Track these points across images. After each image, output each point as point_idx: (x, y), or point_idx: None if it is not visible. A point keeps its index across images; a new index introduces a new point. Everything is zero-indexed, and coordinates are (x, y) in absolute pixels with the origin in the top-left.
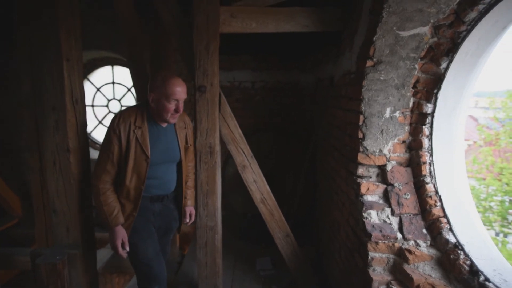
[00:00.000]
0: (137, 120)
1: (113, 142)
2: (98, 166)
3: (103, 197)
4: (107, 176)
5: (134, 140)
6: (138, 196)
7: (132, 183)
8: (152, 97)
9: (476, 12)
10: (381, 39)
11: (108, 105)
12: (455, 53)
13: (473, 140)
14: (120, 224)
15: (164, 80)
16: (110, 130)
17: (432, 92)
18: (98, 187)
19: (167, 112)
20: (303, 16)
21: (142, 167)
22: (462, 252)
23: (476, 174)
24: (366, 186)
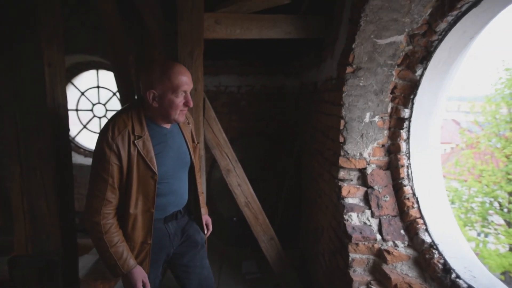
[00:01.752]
0: (135, 128)
1: (110, 162)
2: (94, 196)
3: (108, 236)
4: (108, 207)
5: (135, 154)
6: (149, 221)
7: (139, 208)
8: (152, 94)
9: (446, 23)
10: (360, 46)
11: (93, 109)
12: (429, 61)
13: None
14: (133, 267)
15: (165, 70)
16: (103, 146)
17: (409, 98)
18: (99, 224)
19: (176, 109)
20: (286, 23)
21: (149, 186)
22: (437, 252)
23: (458, 176)
24: (347, 189)
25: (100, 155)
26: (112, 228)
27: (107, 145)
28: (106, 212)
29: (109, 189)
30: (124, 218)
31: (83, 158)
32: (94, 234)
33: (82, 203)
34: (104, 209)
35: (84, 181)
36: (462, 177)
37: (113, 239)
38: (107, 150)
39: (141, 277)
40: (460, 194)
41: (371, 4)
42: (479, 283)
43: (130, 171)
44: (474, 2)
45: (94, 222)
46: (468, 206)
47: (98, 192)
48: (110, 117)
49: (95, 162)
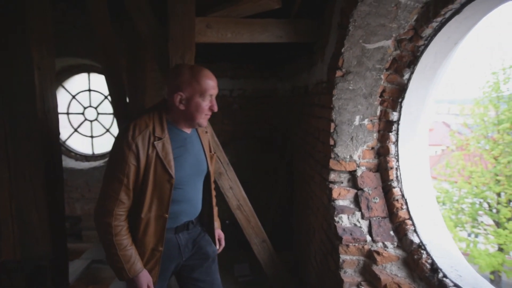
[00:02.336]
0: (156, 129)
1: (128, 162)
2: (107, 196)
3: (118, 239)
4: (120, 208)
5: (154, 156)
6: (161, 227)
7: (153, 212)
8: (180, 97)
9: (431, 28)
10: (349, 51)
11: (84, 113)
12: (415, 65)
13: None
14: (140, 271)
15: (195, 73)
16: (123, 145)
17: (397, 101)
18: (110, 225)
19: (202, 113)
20: (277, 27)
21: (165, 190)
22: (425, 252)
23: (449, 177)
24: (338, 191)
25: (118, 154)
26: (122, 230)
27: (126, 144)
28: (119, 213)
29: (124, 190)
30: (136, 222)
31: (74, 161)
32: (103, 235)
33: (73, 207)
34: (117, 210)
35: (75, 185)
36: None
37: (122, 242)
38: (126, 150)
39: (147, 281)
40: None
41: (359, 10)
42: (465, 282)
43: (147, 173)
44: (457, 9)
45: (106, 222)
46: (459, 207)
47: (112, 192)
48: (131, 118)
49: (112, 161)
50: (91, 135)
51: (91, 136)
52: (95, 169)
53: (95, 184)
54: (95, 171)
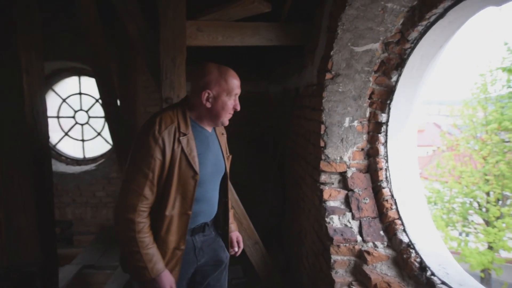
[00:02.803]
0: (181, 125)
1: (154, 156)
2: (131, 191)
3: (140, 236)
4: (144, 204)
5: (179, 151)
6: (184, 225)
7: (176, 209)
8: (207, 94)
9: (417, 32)
10: (338, 53)
11: (75, 116)
12: (403, 68)
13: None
14: (162, 271)
15: (222, 72)
16: (149, 140)
17: (386, 103)
18: (133, 222)
19: (227, 111)
20: (267, 31)
21: (189, 186)
22: (414, 251)
23: (440, 177)
24: (329, 192)
25: (144, 148)
26: (145, 228)
27: (153, 138)
28: (142, 209)
29: (148, 185)
30: (159, 220)
31: (64, 166)
32: (125, 232)
33: (64, 212)
34: (140, 206)
35: (66, 189)
36: (443, 179)
37: (145, 240)
38: (152, 144)
39: (169, 282)
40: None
41: (347, 14)
42: (451, 279)
43: (172, 169)
44: (441, 14)
45: (128, 219)
46: (450, 206)
47: (136, 187)
48: (154, 113)
49: (136, 155)
50: (82, 138)
51: (82, 140)
52: (86, 173)
53: (87, 188)
54: (86, 175)
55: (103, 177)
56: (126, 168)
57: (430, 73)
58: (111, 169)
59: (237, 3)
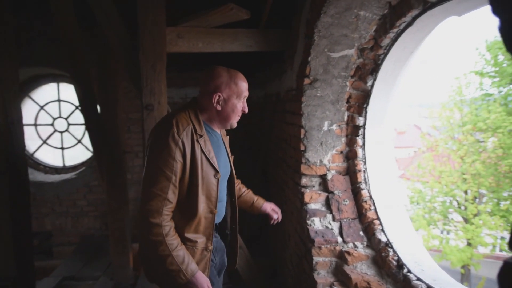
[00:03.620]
0: (196, 127)
1: (176, 158)
2: (154, 195)
3: (169, 239)
4: (168, 207)
5: (199, 152)
6: (210, 224)
7: (203, 210)
8: (217, 97)
9: (389, 39)
10: (315, 59)
11: (54, 124)
12: (377, 72)
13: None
14: (196, 271)
15: (232, 76)
16: (169, 142)
17: (362, 107)
18: (159, 226)
19: (236, 113)
20: (247, 37)
21: (212, 185)
22: (391, 249)
23: (421, 178)
24: (310, 195)
25: (165, 151)
26: (171, 230)
27: (173, 140)
28: (166, 213)
29: (171, 188)
30: (187, 222)
31: (43, 175)
32: (152, 238)
33: (42, 222)
34: (165, 209)
35: (45, 199)
36: (424, 179)
37: (173, 242)
38: (172, 146)
39: (206, 281)
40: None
41: (323, 21)
42: (426, 275)
43: (195, 170)
44: (409, 22)
45: (154, 223)
46: (431, 206)
47: (160, 191)
48: (168, 115)
49: (156, 158)
50: (61, 146)
51: (61, 148)
52: (67, 181)
53: (67, 198)
54: (67, 183)
55: (84, 185)
56: (146, 172)
57: (403, 77)
58: (92, 177)
59: (216, 11)
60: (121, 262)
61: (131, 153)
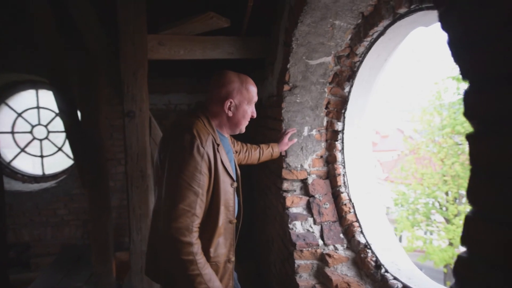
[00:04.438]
0: (214, 135)
1: (202, 171)
2: (182, 212)
3: (198, 258)
4: (196, 224)
5: (220, 162)
6: (231, 234)
7: (223, 220)
8: (229, 103)
9: (363, 47)
10: (294, 66)
11: (32, 131)
12: (354, 79)
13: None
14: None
15: (243, 81)
16: (194, 154)
17: (341, 112)
18: (191, 244)
19: (246, 119)
20: (228, 44)
21: (229, 195)
22: (370, 251)
23: (404, 180)
24: (291, 199)
25: (191, 164)
26: (200, 248)
27: (198, 152)
28: (195, 230)
29: (199, 203)
30: (211, 235)
31: (21, 184)
32: (183, 258)
33: (20, 233)
34: (194, 226)
35: (23, 209)
36: (407, 181)
37: (202, 260)
38: (198, 159)
39: None
40: (407, 197)
41: (300, 30)
42: (402, 274)
43: (217, 181)
44: (381, 31)
45: (186, 242)
46: (414, 207)
47: (188, 207)
48: (182, 123)
49: (183, 172)
50: (41, 154)
51: (41, 156)
52: (46, 190)
53: (46, 207)
54: (46, 192)
55: (65, 194)
56: (170, 187)
57: (378, 84)
58: (73, 185)
59: (197, 19)
60: (103, 271)
61: (113, 160)
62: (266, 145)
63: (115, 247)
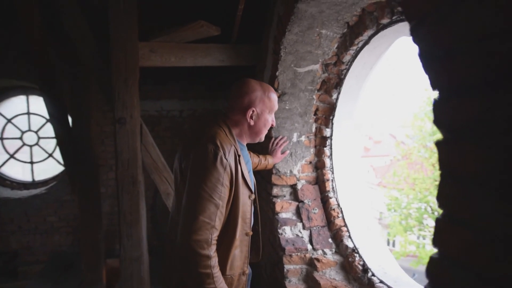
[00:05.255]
0: (236, 146)
1: (224, 183)
2: (202, 224)
3: (215, 271)
4: (215, 236)
5: (240, 173)
6: (246, 246)
7: (240, 232)
8: (252, 112)
9: (350, 55)
10: (283, 74)
11: (22, 138)
12: (341, 86)
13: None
14: None
15: (265, 89)
16: (217, 166)
17: (329, 119)
18: (209, 257)
19: (267, 128)
20: (218, 52)
21: (247, 207)
22: (358, 255)
23: (396, 185)
24: (281, 205)
25: (214, 175)
26: (217, 261)
27: (221, 164)
28: (213, 242)
29: (218, 215)
30: (229, 247)
31: (9, 191)
32: (201, 271)
33: (7, 241)
34: (213, 238)
35: (11, 216)
36: (400, 186)
37: (218, 274)
38: (221, 170)
39: None
40: (400, 202)
41: (288, 38)
42: (388, 277)
43: (236, 193)
44: (366, 41)
45: (204, 255)
46: (407, 212)
47: (208, 219)
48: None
49: (205, 183)
50: (31, 161)
51: (30, 162)
52: (36, 197)
53: (36, 214)
54: (36, 199)
55: (55, 201)
56: (191, 197)
57: (364, 91)
58: (64, 191)
59: (187, 27)
60: (93, 278)
61: (105, 166)
62: (264, 156)
63: (106, 254)
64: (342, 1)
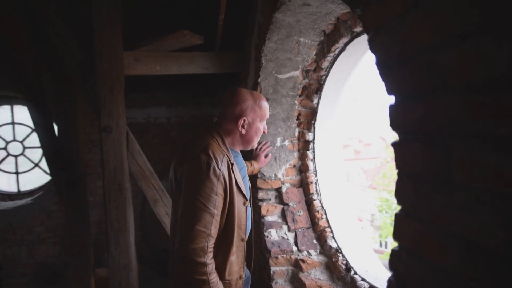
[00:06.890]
0: (229, 154)
1: (218, 193)
2: (198, 233)
3: (212, 278)
4: (211, 244)
5: (233, 181)
6: (241, 252)
7: (236, 239)
8: (243, 121)
9: (328, 62)
10: (265, 80)
11: (7, 148)
12: (321, 91)
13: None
14: None
15: (256, 98)
16: (210, 177)
17: (311, 123)
18: (205, 265)
19: (259, 136)
20: (202, 60)
21: (241, 213)
22: (341, 254)
23: (386, 187)
24: (266, 208)
25: (207, 185)
26: (214, 268)
27: (214, 174)
28: (210, 250)
29: (214, 223)
30: (226, 254)
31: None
32: (197, 278)
33: None
34: (209, 246)
35: None
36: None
37: (216, 280)
38: (214, 180)
39: None
40: (390, 204)
41: (268, 46)
42: (370, 275)
43: (231, 201)
44: (342, 48)
45: (200, 263)
46: None
47: (203, 228)
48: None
49: (199, 193)
50: (16, 171)
51: (16, 173)
52: (22, 208)
53: (21, 225)
54: (22, 210)
55: (41, 211)
56: (186, 208)
57: (343, 95)
58: (51, 201)
59: (171, 36)
60: None
61: (93, 174)
62: (249, 162)
63: (95, 263)
64: (317, 11)
